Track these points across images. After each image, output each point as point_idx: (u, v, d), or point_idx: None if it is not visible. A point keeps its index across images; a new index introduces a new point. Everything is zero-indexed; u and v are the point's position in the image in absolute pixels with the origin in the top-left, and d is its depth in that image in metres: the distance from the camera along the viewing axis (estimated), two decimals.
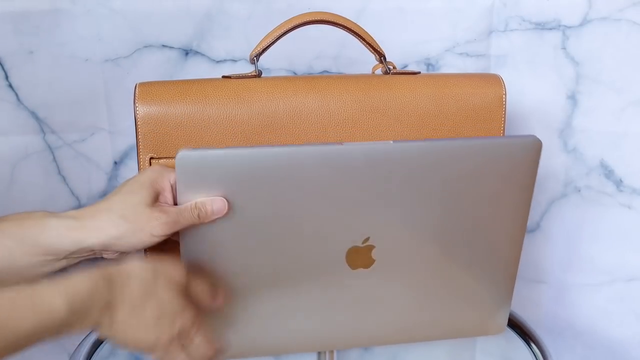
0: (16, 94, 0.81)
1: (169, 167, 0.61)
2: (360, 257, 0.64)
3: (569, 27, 0.86)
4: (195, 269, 0.61)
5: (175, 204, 0.60)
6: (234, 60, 0.85)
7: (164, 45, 0.83)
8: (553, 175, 0.92)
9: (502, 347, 1.00)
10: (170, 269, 0.56)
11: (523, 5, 0.87)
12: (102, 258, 0.61)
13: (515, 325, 0.81)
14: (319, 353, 0.86)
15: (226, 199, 0.58)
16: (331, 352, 0.85)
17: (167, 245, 0.61)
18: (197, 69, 0.85)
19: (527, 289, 0.96)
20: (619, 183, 0.90)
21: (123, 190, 0.59)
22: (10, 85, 0.81)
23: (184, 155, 0.56)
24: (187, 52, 0.84)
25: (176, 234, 0.59)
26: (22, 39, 0.79)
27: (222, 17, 0.83)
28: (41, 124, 0.83)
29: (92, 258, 0.60)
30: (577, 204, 0.92)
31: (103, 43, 0.82)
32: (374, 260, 0.64)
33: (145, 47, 0.83)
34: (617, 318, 0.95)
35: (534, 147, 0.62)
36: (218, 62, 0.85)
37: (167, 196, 0.60)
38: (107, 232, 0.57)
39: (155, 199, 0.59)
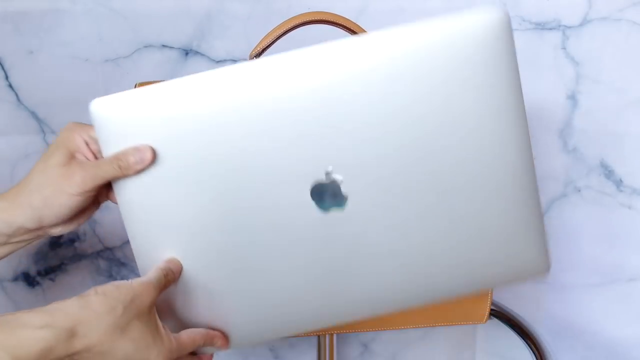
0: (16, 94, 0.81)
1: (85, 123, 0.56)
2: (328, 195, 0.53)
3: (569, 27, 0.86)
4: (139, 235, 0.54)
5: None
6: (234, 60, 0.85)
7: (164, 45, 0.83)
8: (553, 175, 0.92)
9: (502, 347, 1.00)
10: (139, 293, 0.50)
11: (523, 5, 0.87)
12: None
13: (515, 325, 0.81)
14: (319, 351, 0.86)
15: (155, 146, 0.51)
16: (331, 352, 0.85)
17: None
18: (197, 69, 0.84)
19: (527, 289, 0.96)
20: (619, 183, 0.90)
21: (41, 159, 0.55)
22: (10, 85, 0.81)
23: (98, 103, 0.51)
24: (187, 52, 0.84)
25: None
26: (22, 39, 0.79)
27: (222, 17, 0.83)
28: (41, 124, 0.83)
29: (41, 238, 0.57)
30: (577, 204, 0.92)
31: (103, 43, 0.82)
32: (346, 197, 0.53)
33: (145, 47, 0.83)
34: (617, 318, 0.95)
35: (499, 23, 0.50)
36: (218, 62, 0.85)
37: (85, 153, 0.55)
38: (30, 204, 0.53)
39: (71, 158, 0.54)
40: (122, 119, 0.52)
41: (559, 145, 0.91)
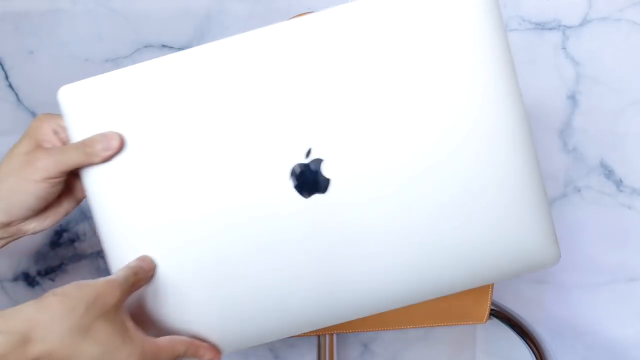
0: (16, 94, 0.81)
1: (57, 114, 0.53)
2: (310, 178, 0.48)
3: (569, 27, 0.86)
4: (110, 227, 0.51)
5: None
6: None
7: (164, 45, 0.83)
8: (553, 175, 0.92)
9: (502, 347, 1.00)
10: (103, 292, 0.46)
11: (523, 5, 0.87)
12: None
13: (515, 325, 0.81)
14: (319, 351, 0.86)
15: (124, 133, 0.49)
16: (331, 352, 0.85)
17: None
18: None
19: (527, 289, 0.96)
20: (619, 183, 0.90)
21: (9, 151, 0.53)
22: (10, 85, 0.81)
23: (65, 90, 0.49)
24: None
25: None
26: (22, 39, 0.79)
27: (222, 17, 0.83)
28: None
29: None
30: (577, 204, 0.92)
31: (103, 43, 0.82)
32: (328, 180, 0.48)
33: (145, 47, 0.83)
34: (618, 318, 0.95)
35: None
36: None
37: (54, 142, 0.52)
38: None
39: (37, 146, 0.52)
40: (90, 105, 0.49)
41: (559, 145, 0.91)
